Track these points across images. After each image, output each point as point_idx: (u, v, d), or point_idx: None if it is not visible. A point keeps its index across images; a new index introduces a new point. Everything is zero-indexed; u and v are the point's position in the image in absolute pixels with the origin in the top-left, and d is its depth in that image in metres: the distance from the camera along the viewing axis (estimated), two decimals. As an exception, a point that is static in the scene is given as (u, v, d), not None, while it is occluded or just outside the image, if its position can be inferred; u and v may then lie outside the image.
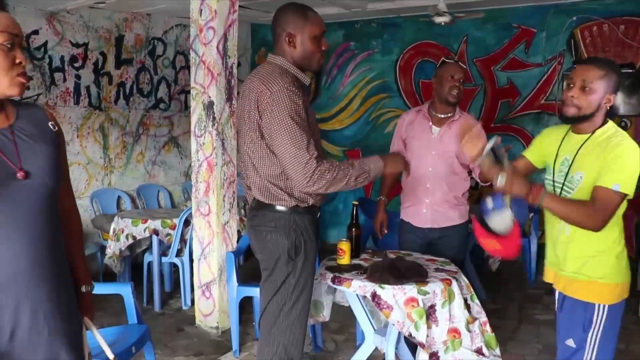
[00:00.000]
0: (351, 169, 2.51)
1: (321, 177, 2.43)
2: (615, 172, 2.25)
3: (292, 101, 2.44)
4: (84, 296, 2.00)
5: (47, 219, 1.72)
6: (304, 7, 2.64)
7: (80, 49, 5.93)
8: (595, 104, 2.34)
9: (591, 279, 2.40)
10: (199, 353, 4.14)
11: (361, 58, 7.34)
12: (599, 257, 2.41)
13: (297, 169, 2.43)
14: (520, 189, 2.31)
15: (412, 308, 2.85)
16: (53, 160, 1.75)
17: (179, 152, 7.07)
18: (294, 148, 2.42)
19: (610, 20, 6.00)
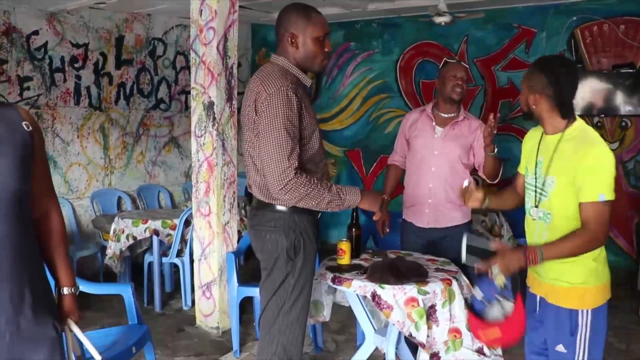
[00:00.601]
0: (326, 192, 2.50)
1: (295, 188, 2.44)
2: (596, 183, 2.23)
3: (286, 106, 2.45)
4: (65, 298, 1.97)
5: (11, 220, 1.69)
6: (308, 8, 2.63)
7: (80, 49, 5.93)
8: (524, 103, 2.44)
9: (572, 285, 2.37)
10: (200, 353, 4.14)
11: (361, 58, 7.34)
12: (578, 261, 2.34)
13: (274, 174, 2.44)
14: (519, 265, 2.35)
15: (412, 308, 2.85)
16: (19, 161, 1.71)
17: (180, 153, 7.07)
18: (277, 153, 2.43)
19: (611, 20, 6.00)
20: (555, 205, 2.37)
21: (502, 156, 3.48)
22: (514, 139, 6.32)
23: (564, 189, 2.32)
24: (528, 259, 2.31)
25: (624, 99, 5.97)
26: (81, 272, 5.43)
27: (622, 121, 6.11)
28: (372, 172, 7.34)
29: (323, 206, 2.52)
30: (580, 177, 2.24)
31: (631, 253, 6.10)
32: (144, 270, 5.15)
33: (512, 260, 2.35)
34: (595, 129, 6.26)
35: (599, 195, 2.22)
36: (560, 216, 2.37)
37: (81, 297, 4.71)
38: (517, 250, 2.37)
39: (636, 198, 6.01)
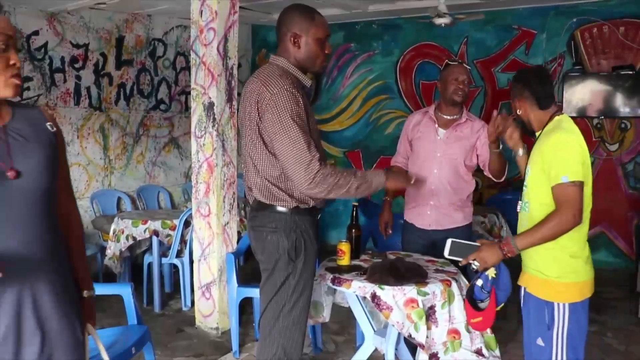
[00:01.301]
0: (353, 177, 2.52)
1: (323, 180, 2.43)
2: (558, 166, 2.35)
3: (293, 102, 2.44)
4: (86, 301, 1.96)
5: (42, 220, 1.69)
6: (311, 9, 2.64)
7: (80, 49, 5.94)
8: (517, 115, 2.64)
9: (547, 277, 2.46)
10: (199, 354, 4.14)
11: (362, 59, 7.34)
12: (551, 254, 2.44)
13: (299, 171, 2.42)
14: (495, 258, 2.47)
15: (411, 309, 2.85)
16: (48, 161, 1.73)
17: (179, 153, 7.07)
18: (296, 150, 2.42)
19: (610, 22, 6.01)
20: (532, 193, 2.50)
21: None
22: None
23: (537, 176, 2.45)
24: (503, 250, 2.43)
25: (623, 101, 5.98)
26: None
27: (621, 123, 6.11)
28: (371, 173, 7.34)
29: (352, 192, 2.54)
30: (547, 163, 2.38)
31: (630, 254, 6.10)
32: (144, 271, 5.15)
33: (489, 253, 2.46)
34: (594, 130, 6.35)
35: (561, 178, 2.33)
36: (537, 204, 2.48)
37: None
38: (494, 244, 2.49)
39: (636, 200, 6.02)
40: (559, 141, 2.40)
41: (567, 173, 2.33)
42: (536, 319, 2.50)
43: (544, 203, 2.44)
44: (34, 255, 1.65)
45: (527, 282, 2.55)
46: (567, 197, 2.34)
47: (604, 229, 6.23)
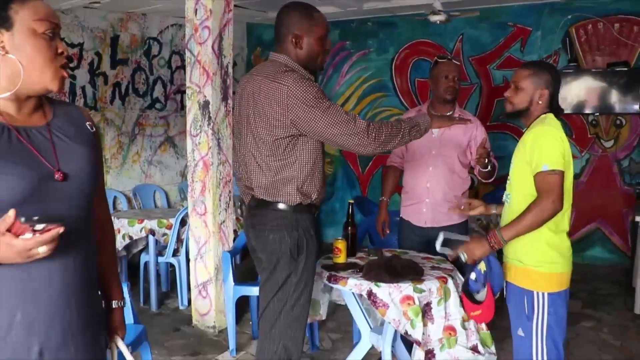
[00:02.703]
0: (402, 123, 2.59)
1: (379, 132, 2.49)
2: (539, 156, 2.42)
3: (311, 86, 2.47)
4: (115, 312, 1.85)
5: (83, 225, 1.59)
6: (309, 8, 2.63)
7: (75, 49, 5.92)
8: (526, 99, 2.58)
9: (526, 266, 2.53)
10: (196, 353, 4.14)
11: (357, 57, 7.34)
12: (530, 243, 2.50)
13: (352, 134, 2.46)
14: (482, 250, 2.52)
15: (408, 306, 2.86)
16: (91, 163, 1.63)
17: (175, 152, 7.07)
18: (337, 119, 2.45)
19: (605, 19, 6.02)
20: (515, 185, 2.59)
21: (497, 154, 3.50)
22: (509, 137, 6.33)
23: (520, 168, 2.54)
24: (490, 242, 2.48)
25: (618, 97, 5.99)
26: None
27: (616, 119, 6.13)
28: (367, 171, 7.35)
29: (407, 137, 2.60)
30: (529, 154, 2.46)
31: (626, 250, 6.12)
32: (140, 270, 5.14)
33: (476, 245, 2.53)
34: (590, 127, 6.36)
35: (542, 166, 2.40)
36: (519, 195, 2.55)
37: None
38: (481, 237, 2.55)
39: (631, 196, 6.03)
40: (541, 132, 2.48)
41: (547, 162, 2.40)
42: (516, 309, 2.58)
43: (527, 194, 2.49)
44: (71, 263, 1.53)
45: (508, 271, 2.61)
46: (547, 185, 2.39)
47: (600, 225, 6.25)
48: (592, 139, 6.25)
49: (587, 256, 6.29)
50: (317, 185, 2.63)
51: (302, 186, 2.58)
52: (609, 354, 4.07)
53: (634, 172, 6.09)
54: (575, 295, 5.29)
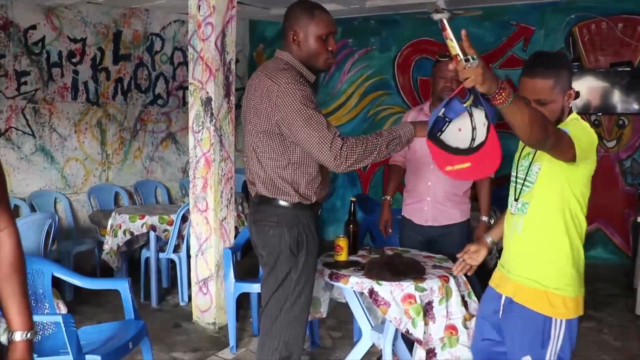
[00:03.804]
0: (379, 138, 2.49)
1: (351, 152, 2.42)
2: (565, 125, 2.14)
3: (301, 89, 2.45)
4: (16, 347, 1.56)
5: None
6: (313, 5, 2.61)
7: (78, 44, 5.92)
8: (558, 109, 2.19)
9: (546, 289, 2.19)
10: (196, 349, 4.14)
11: (359, 55, 7.33)
12: (555, 263, 2.20)
13: (325, 151, 2.42)
14: (493, 80, 1.82)
15: (409, 305, 2.86)
16: None
17: (177, 148, 7.06)
18: (316, 132, 2.41)
19: (609, 18, 6.00)
20: (537, 193, 2.21)
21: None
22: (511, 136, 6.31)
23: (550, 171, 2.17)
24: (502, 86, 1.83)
25: (621, 97, 5.98)
26: (78, 267, 5.42)
27: (619, 119, 6.12)
28: (369, 169, 7.34)
29: (384, 152, 2.51)
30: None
31: (627, 251, 6.11)
32: (141, 266, 5.14)
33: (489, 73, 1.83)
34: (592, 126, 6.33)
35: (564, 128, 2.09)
36: (538, 204, 2.21)
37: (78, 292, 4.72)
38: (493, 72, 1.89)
39: (632, 196, 6.02)
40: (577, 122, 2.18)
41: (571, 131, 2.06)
42: (527, 336, 2.22)
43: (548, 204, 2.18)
44: None
45: (515, 290, 2.26)
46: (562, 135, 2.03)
47: (601, 225, 6.24)
48: (595, 139, 6.23)
49: (588, 256, 6.19)
50: (314, 188, 2.63)
51: (297, 188, 2.58)
52: (609, 355, 4.07)
53: (636, 173, 6.08)
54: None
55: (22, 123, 5.51)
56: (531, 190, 2.24)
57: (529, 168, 2.27)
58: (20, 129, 5.49)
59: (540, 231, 2.21)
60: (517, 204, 2.30)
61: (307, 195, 2.61)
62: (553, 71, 2.14)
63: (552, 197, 2.19)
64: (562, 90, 2.16)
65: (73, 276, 3.33)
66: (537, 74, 2.15)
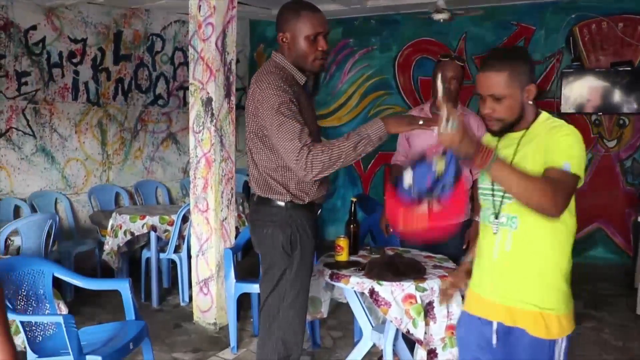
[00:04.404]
0: (346, 142, 2.41)
1: (316, 160, 2.38)
2: (563, 151, 1.91)
3: (278, 95, 2.44)
4: None
5: None
6: (302, 6, 2.59)
7: (78, 44, 5.92)
8: (516, 106, 2.01)
9: (541, 310, 2.00)
10: (197, 349, 4.14)
11: (360, 55, 7.33)
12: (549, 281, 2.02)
13: (292, 160, 2.41)
14: (470, 145, 1.83)
15: (410, 305, 2.85)
16: None
17: (177, 149, 7.06)
18: (286, 141, 2.41)
19: (609, 18, 6.00)
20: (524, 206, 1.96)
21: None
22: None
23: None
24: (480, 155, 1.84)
25: (622, 97, 5.98)
26: (79, 267, 5.42)
27: (620, 119, 6.12)
28: (370, 169, 7.34)
29: (353, 155, 2.41)
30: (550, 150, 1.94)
31: (628, 251, 6.11)
32: (142, 266, 5.14)
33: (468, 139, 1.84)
34: (592, 126, 6.35)
35: (563, 164, 1.88)
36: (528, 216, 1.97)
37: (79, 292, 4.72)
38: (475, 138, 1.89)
39: (633, 196, 6.02)
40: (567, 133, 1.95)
41: (572, 162, 1.89)
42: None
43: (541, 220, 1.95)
44: None
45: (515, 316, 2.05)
46: (566, 185, 1.88)
47: (602, 225, 6.24)
48: (595, 139, 6.24)
49: (589, 256, 6.28)
50: (305, 188, 2.63)
51: (288, 188, 2.60)
52: (610, 355, 4.07)
53: (637, 172, 6.08)
54: (576, 296, 5.26)
55: (23, 123, 5.51)
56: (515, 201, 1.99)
57: None
58: (20, 129, 5.49)
59: (532, 246, 2.02)
60: (499, 219, 2.08)
61: (299, 195, 2.62)
62: (508, 64, 1.99)
63: None
64: (518, 85, 1.98)
65: (74, 277, 3.33)
66: (491, 67, 2.00)
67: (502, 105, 2.00)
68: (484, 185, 2.16)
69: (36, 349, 2.95)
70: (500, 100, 1.99)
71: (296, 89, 2.57)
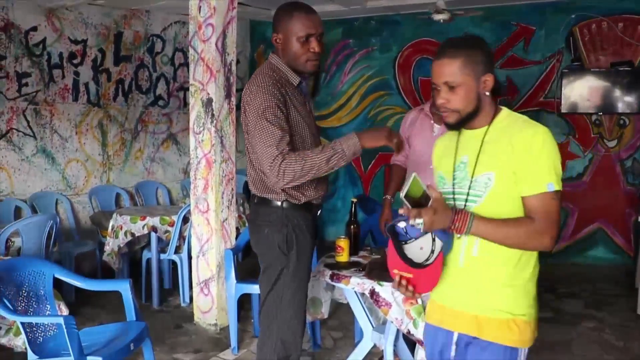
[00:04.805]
0: (320, 155, 2.42)
1: (288, 170, 2.40)
2: (544, 168, 1.80)
3: (265, 99, 2.47)
4: None
5: None
6: (296, 7, 2.59)
7: (79, 45, 5.92)
8: (472, 96, 1.90)
9: (514, 316, 1.88)
10: (198, 350, 4.14)
11: (360, 55, 7.33)
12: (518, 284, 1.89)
13: (266, 167, 2.44)
14: (442, 226, 1.81)
15: (410, 305, 2.85)
16: None
17: (178, 149, 7.06)
18: (265, 145, 2.44)
19: (609, 18, 6.00)
20: (492, 208, 1.87)
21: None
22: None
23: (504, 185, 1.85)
24: (455, 224, 1.81)
25: (622, 97, 5.98)
26: (79, 268, 5.43)
27: (620, 119, 6.12)
28: (370, 170, 7.34)
29: (325, 168, 2.43)
30: (521, 166, 1.81)
31: (628, 251, 6.11)
32: (142, 267, 5.14)
33: (439, 220, 1.79)
34: (593, 126, 6.35)
35: (547, 185, 1.79)
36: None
37: (79, 293, 4.72)
38: (447, 210, 1.82)
39: (633, 196, 6.02)
40: (541, 139, 1.82)
41: (554, 180, 1.79)
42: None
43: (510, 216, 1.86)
44: None
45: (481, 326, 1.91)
46: (553, 211, 1.80)
47: (602, 225, 6.24)
48: (596, 139, 6.24)
49: (590, 256, 6.28)
50: (301, 188, 2.63)
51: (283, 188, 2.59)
52: (611, 355, 4.06)
53: (637, 172, 6.08)
54: (577, 296, 5.29)
55: (23, 124, 5.51)
56: (482, 204, 1.88)
57: (473, 179, 1.91)
58: (21, 130, 5.49)
59: (500, 249, 1.86)
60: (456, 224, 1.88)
61: (294, 195, 2.63)
62: (463, 51, 1.89)
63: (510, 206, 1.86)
64: (474, 73, 1.88)
65: (74, 277, 3.34)
66: (445, 54, 1.92)
67: (457, 94, 1.89)
68: (444, 190, 2.00)
69: (37, 349, 2.95)
70: (455, 89, 1.89)
71: (290, 90, 2.59)
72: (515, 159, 1.82)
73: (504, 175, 1.84)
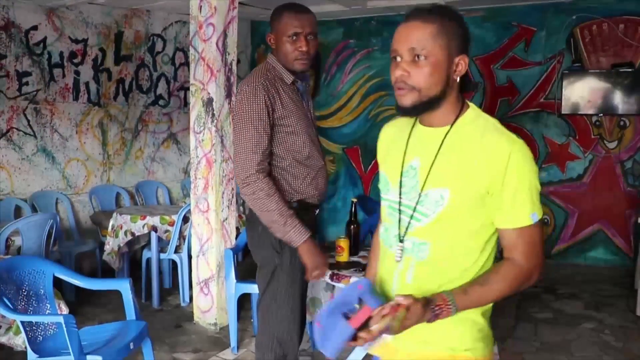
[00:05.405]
0: (275, 215, 2.48)
1: (253, 185, 2.49)
2: (527, 199, 1.51)
3: (252, 103, 2.50)
4: None
5: None
6: (288, 6, 2.62)
7: (79, 45, 5.92)
8: (440, 77, 1.53)
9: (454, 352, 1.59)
10: (197, 350, 4.15)
11: (361, 56, 7.33)
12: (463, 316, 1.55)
13: (238, 171, 2.53)
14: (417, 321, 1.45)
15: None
16: None
17: (178, 149, 7.06)
18: (242, 146, 2.51)
19: (610, 20, 6.00)
20: (439, 231, 1.56)
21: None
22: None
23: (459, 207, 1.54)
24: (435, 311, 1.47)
25: (622, 98, 5.98)
26: (79, 267, 5.44)
27: (620, 120, 6.11)
28: (370, 170, 7.34)
29: (265, 219, 2.52)
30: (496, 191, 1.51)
31: (628, 252, 6.11)
32: (142, 266, 5.15)
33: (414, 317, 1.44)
34: (593, 127, 6.35)
35: (530, 216, 1.52)
36: (443, 247, 1.57)
37: (79, 292, 4.72)
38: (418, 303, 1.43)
39: (634, 197, 6.02)
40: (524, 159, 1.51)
41: (537, 208, 1.53)
42: None
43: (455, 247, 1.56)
44: None
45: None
46: (536, 243, 1.55)
47: (602, 226, 6.24)
48: (596, 140, 6.24)
49: (590, 257, 6.28)
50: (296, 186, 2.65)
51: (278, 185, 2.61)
52: (610, 356, 4.06)
53: (638, 174, 6.08)
54: (577, 297, 5.29)
55: (24, 124, 5.51)
56: (429, 224, 1.57)
57: (423, 193, 1.58)
58: (21, 129, 5.50)
59: (439, 276, 1.58)
60: (403, 243, 1.62)
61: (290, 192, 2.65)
62: (439, 17, 1.53)
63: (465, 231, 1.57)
64: (447, 48, 1.53)
65: (74, 277, 3.34)
66: (416, 17, 1.54)
67: (421, 68, 1.51)
68: (389, 197, 1.68)
69: (37, 349, 2.95)
70: (420, 60, 1.51)
71: (284, 88, 2.61)
72: (486, 179, 1.50)
73: (462, 195, 1.53)
